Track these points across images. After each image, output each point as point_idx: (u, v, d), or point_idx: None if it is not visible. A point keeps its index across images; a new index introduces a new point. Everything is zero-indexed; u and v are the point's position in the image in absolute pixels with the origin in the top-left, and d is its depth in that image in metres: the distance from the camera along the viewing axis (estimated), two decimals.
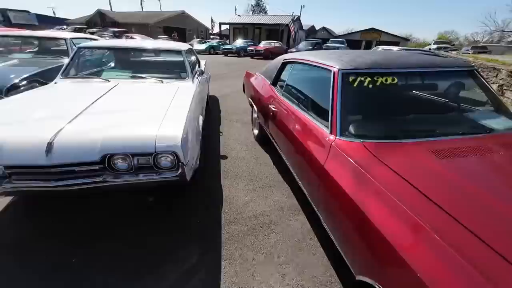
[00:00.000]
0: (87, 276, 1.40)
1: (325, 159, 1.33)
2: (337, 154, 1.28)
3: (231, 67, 11.02)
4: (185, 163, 1.58)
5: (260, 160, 2.84)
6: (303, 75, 2.22)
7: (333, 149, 1.32)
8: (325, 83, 1.64)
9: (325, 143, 1.40)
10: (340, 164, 1.24)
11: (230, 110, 4.66)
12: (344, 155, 1.24)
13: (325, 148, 1.38)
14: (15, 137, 1.42)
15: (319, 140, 1.47)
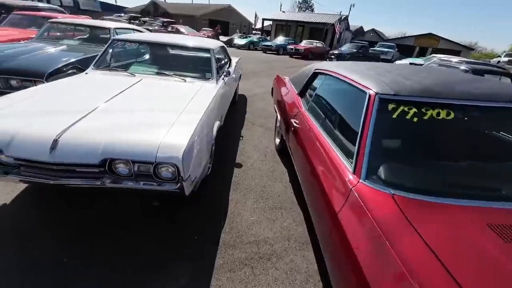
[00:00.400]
0: (72, 275, 1.36)
1: (341, 206, 1.08)
2: (356, 204, 1.02)
3: (267, 65, 10.81)
4: (185, 178, 1.45)
5: (276, 174, 2.62)
6: (334, 92, 1.93)
7: (352, 196, 1.06)
8: (357, 106, 1.36)
9: (345, 184, 1.14)
10: (358, 219, 0.98)
11: (256, 113, 4.49)
12: (364, 208, 0.98)
13: (343, 191, 1.13)
14: (26, 131, 1.43)
15: (339, 178, 1.21)
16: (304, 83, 2.33)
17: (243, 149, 3.08)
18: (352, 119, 1.41)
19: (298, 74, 2.79)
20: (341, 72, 1.77)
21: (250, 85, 6.58)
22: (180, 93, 2.25)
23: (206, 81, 2.63)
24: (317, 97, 2.06)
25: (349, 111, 1.59)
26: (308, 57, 15.58)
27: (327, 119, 1.75)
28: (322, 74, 2.11)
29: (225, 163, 2.71)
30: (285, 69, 10.07)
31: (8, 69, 2.80)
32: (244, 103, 4.99)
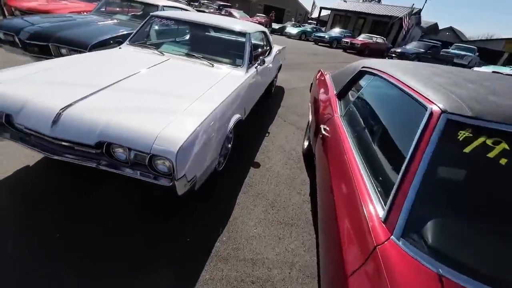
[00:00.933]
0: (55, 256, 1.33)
1: (356, 267, 0.76)
2: (377, 272, 0.69)
3: (315, 58, 10.08)
4: (177, 177, 1.27)
5: (295, 183, 2.31)
6: (381, 98, 1.50)
7: (375, 259, 0.72)
8: (410, 125, 0.97)
9: (368, 236, 0.80)
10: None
11: (291, 108, 4.13)
12: (388, 286, 0.64)
13: (363, 246, 0.79)
14: (35, 100, 1.40)
15: (361, 222, 0.87)
16: (347, 82, 1.91)
17: (266, 147, 2.81)
18: (400, 141, 1.03)
19: (341, 71, 2.36)
20: (396, 73, 1.33)
21: (291, 77, 6.15)
22: (202, 79, 2.06)
23: (235, 68, 2.40)
24: (358, 102, 1.64)
25: (397, 129, 1.18)
26: (364, 53, 14.12)
27: (364, 133, 1.36)
28: (370, 73, 1.67)
29: (242, 160, 2.48)
30: (334, 64, 9.26)
31: (59, 38, 2.98)
32: (280, 96, 4.64)
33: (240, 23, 2.89)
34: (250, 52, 2.54)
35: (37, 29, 3.08)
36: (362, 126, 1.42)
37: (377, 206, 0.87)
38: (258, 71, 2.71)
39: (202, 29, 3.03)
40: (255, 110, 3.36)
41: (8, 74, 1.62)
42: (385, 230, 0.77)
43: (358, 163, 1.19)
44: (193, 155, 1.35)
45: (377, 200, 0.90)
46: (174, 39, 3.09)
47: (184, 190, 1.37)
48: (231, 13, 14.60)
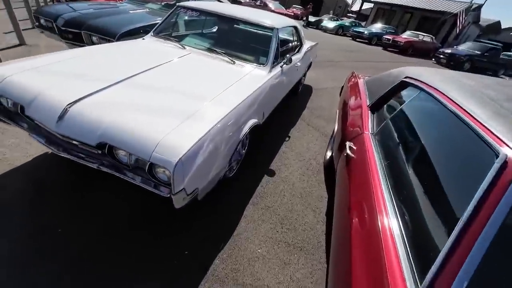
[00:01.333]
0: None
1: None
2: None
3: (350, 55, 9.39)
4: (174, 191, 1.15)
5: (311, 199, 2.09)
6: (428, 123, 1.21)
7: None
8: (469, 169, 0.73)
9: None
10: None
11: (317, 111, 3.84)
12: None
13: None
14: (46, 93, 1.37)
15: (383, 283, 0.66)
16: (384, 93, 1.62)
17: (284, 154, 2.61)
18: (450, 185, 0.78)
19: (378, 77, 2.04)
20: (451, 91, 1.04)
21: (322, 75, 5.77)
22: (220, 77, 1.92)
23: (257, 67, 2.21)
24: (396, 122, 1.37)
25: (447, 167, 0.91)
26: (407, 52, 12.88)
27: (400, 163, 1.10)
28: (415, 86, 1.37)
29: (256, 166, 2.32)
30: (370, 64, 8.55)
31: (90, 26, 3.03)
32: (307, 96, 4.35)
33: (269, 16, 2.66)
34: (275, 50, 2.32)
35: (72, 16, 3.17)
36: (398, 153, 1.16)
37: (405, 266, 0.65)
38: (283, 71, 2.49)
39: (227, 22, 2.86)
40: (277, 111, 3.15)
41: (30, 63, 1.61)
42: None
43: (386, 199, 0.96)
44: (196, 166, 1.22)
45: (405, 256, 0.68)
46: (198, 32, 2.96)
47: (183, 204, 1.25)
48: (266, 4, 14.18)
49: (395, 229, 0.81)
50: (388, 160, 1.17)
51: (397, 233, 0.79)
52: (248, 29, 2.56)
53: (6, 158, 1.85)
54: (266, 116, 2.32)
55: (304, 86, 4.76)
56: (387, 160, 1.19)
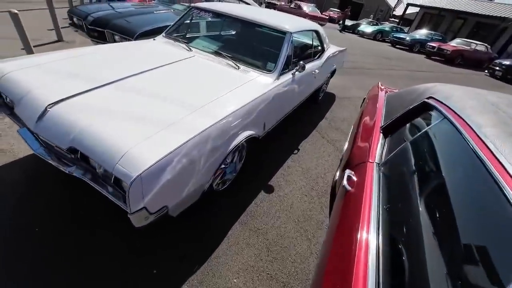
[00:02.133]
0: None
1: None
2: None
3: (386, 63, 8.68)
4: (131, 211, 1.03)
5: (309, 224, 1.85)
6: (448, 164, 0.92)
7: None
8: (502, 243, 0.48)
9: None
10: None
11: (335, 122, 3.52)
12: None
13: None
14: (35, 91, 1.36)
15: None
16: (399, 114, 1.33)
17: (288, 168, 2.39)
18: (482, 260, 0.53)
19: (402, 92, 1.74)
20: (487, 129, 0.77)
21: (349, 83, 5.36)
22: (218, 83, 1.78)
23: (263, 73, 2.03)
24: (408, 153, 1.09)
25: (472, 236, 0.66)
26: (454, 62, 11.58)
27: (404, 215, 0.85)
28: (439, 111, 1.08)
29: (253, 179, 2.14)
30: (407, 73, 7.81)
31: (114, 26, 3.13)
32: (327, 105, 4.04)
33: (284, 19, 2.47)
34: (286, 55, 2.12)
35: (99, 15, 3.32)
36: (405, 199, 0.91)
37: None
38: (295, 78, 2.28)
39: (239, 25, 2.72)
40: (289, 118, 2.94)
41: (32, 60, 1.64)
42: None
43: (370, 261, 0.73)
44: (163, 183, 1.10)
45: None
46: (208, 34, 2.88)
47: (145, 223, 1.13)
48: (301, 7, 13.85)
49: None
50: (390, 205, 0.92)
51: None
52: (260, 32, 2.41)
53: (13, 149, 1.94)
54: (269, 128, 2.13)
55: (327, 94, 4.46)
56: (388, 203, 0.94)
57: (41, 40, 4.13)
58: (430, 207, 0.88)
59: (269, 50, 2.36)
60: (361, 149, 1.37)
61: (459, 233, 0.72)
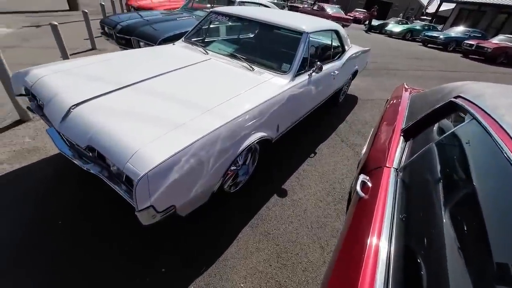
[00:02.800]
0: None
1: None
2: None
3: (416, 63, 8.14)
4: (138, 208, 1.05)
5: (323, 232, 1.76)
6: (477, 169, 0.81)
7: None
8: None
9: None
10: None
11: (356, 125, 3.36)
12: None
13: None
14: (62, 94, 1.46)
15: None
16: (422, 116, 1.21)
17: (303, 172, 2.32)
18: None
19: (427, 92, 1.59)
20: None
21: (373, 85, 5.11)
22: (231, 85, 1.79)
23: (277, 75, 2.00)
24: (432, 156, 0.99)
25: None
26: (495, 61, 10.51)
27: (423, 227, 0.76)
28: (467, 110, 0.95)
29: (267, 182, 2.10)
30: (440, 74, 7.23)
31: (139, 33, 3.32)
32: (348, 108, 3.87)
33: (301, 19, 2.42)
34: (302, 56, 2.07)
35: (127, 24, 3.54)
36: (425, 209, 0.81)
37: None
38: (311, 79, 2.21)
39: (255, 27, 2.73)
40: (306, 121, 2.87)
41: (64, 65, 1.78)
42: None
43: (378, 274, 0.65)
44: (170, 182, 1.11)
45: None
46: (225, 37, 2.92)
47: (153, 222, 1.15)
48: (323, 8, 13.60)
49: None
50: (407, 214, 0.83)
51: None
52: (276, 33, 2.38)
53: (45, 147, 2.12)
54: (283, 130, 2.09)
55: (348, 96, 4.28)
56: (406, 212, 0.85)
57: (78, 49, 4.52)
58: (456, 218, 0.78)
59: (285, 51, 2.32)
60: (378, 153, 1.27)
61: (490, 250, 0.63)
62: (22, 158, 1.97)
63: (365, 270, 0.67)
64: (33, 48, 4.28)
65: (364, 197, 1.04)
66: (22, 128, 2.32)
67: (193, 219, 1.64)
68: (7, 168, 1.86)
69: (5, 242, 1.39)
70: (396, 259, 0.70)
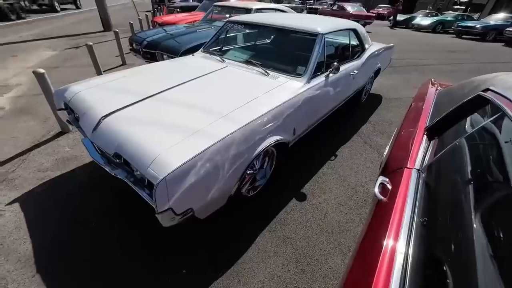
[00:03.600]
0: None
1: None
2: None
3: (449, 57, 7.54)
4: (158, 211, 1.11)
5: (345, 237, 1.69)
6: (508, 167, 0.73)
7: None
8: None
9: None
10: None
11: (380, 126, 3.20)
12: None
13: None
14: (94, 106, 1.62)
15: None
16: (446, 113, 1.13)
17: (323, 175, 2.26)
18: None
19: (454, 87, 1.47)
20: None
21: (399, 82, 4.83)
22: (246, 90, 1.82)
23: (293, 78, 2.00)
24: (459, 155, 0.91)
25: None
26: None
27: (449, 232, 0.71)
28: (496, 105, 0.86)
29: (285, 186, 2.09)
30: (478, 66, 6.60)
31: (162, 47, 3.54)
32: (372, 108, 3.70)
33: (316, 21, 2.40)
34: (317, 58, 2.05)
35: (152, 39, 3.80)
36: (456, 212, 0.76)
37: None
38: (328, 81, 2.18)
39: (270, 32, 2.75)
40: (326, 122, 2.81)
41: (96, 81, 1.96)
42: None
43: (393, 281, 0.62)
44: (187, 186, 1.16)
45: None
46: (241, 45, 2.98)
47: (172, 223, 1.21)
48: (343, 7, 13.25)
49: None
50: (428, 217, 0.78)
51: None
52: (291, 37, 2.38)
53: (82, 156, 2.33)
54: (300, 133, 2.07)
55: (372, 95, 4.11)
56: (427, 215, 0.79)
57: (110, 65, 4.94)
58: (489, 224, 0.71)
59: (300, 54, 2.31)
60: (399, 153, 1.20)
61: None
62: (62, 166, 2.19)
63: (378, 275, 0.64)
64: (73, 67, 4.77)
65: (383, 200, 0.99)
66: (63, 139, 2.59)
67: (211, 222, 1.68)
68: (50, 175, 2.08)
69: (49, 237, 1.56)
70: (414, 265, 0.66)
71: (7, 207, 1.77)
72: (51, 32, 7.94)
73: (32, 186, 1.96)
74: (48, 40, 6.90)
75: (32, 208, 1.77)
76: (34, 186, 1.96)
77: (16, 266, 1.40)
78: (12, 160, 2.23)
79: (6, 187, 1.93)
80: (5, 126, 2.75)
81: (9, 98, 3.43)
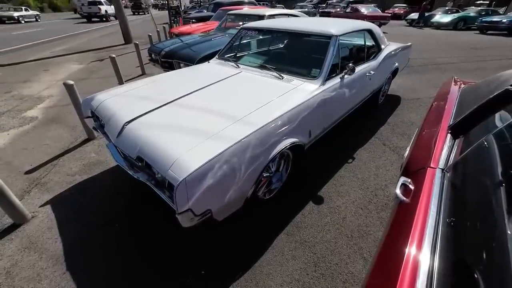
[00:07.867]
0: None
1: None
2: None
3: (472, 54, 7.16)
4: (178, 211, 1.15)
5: (365, 242, 1.64)
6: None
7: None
8: None
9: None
10: None
11: (400, 127, 3.09)
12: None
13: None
14: (118, 113, 1.71)
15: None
16: (471, 110, 1.07)
17: (341, 178, 2.21)
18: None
19: (479, 84, 1.40)
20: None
21: (419, 82, 4.66)
22: (261, 94, 1.85)
23: (307, 80, 2.00)
24: (487, 153, 0.87)
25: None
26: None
27: (478, 231, 0.67)
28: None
29: (302, 189, 2.07)
30: (505, 64, 6.21)
31: (178, 56, 3.69)
32: (390, 109, 3.59)
33: (329, 23, 2.40)
34: (331, 60, 2.04)
35: (170, 49, 3.97)
36: (486, 214, 0.72)
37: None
38: (344, 82, 2.15)
39: (284, 37, 2.78)
40: (343, 124, 2.77)
41: (120, 90, 2.09)
42: None
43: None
44: (205, 188, 1.19)
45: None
46: (255, 50, 3.03)
47: (192, 224, 1.24)
48: (357, 9, 13.08)
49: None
50: (455, 218, 0.74)
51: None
52: (305, 40, 2.40)
53: (107, 160, 2.46)
54: (316, 136, 2.05)
55: (390, 96, 3.99)
56: (454, 216, 0.76)
57: (131, 75, 5.21)
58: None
59: (315, 57, 2.31)
60: (422, 153, 1.15)
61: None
62: (89, 170, 2.32)
63: (401, 284, 0.61)
64: (98, 78, 5.09)
65: (405, 201, 0.95)
66: (89, 145, 2.75)
67: (229, 225, 1.70)
68: (78, 179, 2.21)
69: (77, 236, 1.65)
70: (440, 273, 0.63)
71: (40, 209, 1.90)
72: (78, 46, 8.54)
73: (62, 189, 2.09)
74: (76, 54, 7.41)
75: (62, 209, 1.89)
76: (63, 189, 2.09)
77: (48, 264, 1.50)
78: (45, 166, 2.40)
79: (39, 191, 2.08)
80: (38, 135, 2.98)
81: (41, 108, 3.71)
